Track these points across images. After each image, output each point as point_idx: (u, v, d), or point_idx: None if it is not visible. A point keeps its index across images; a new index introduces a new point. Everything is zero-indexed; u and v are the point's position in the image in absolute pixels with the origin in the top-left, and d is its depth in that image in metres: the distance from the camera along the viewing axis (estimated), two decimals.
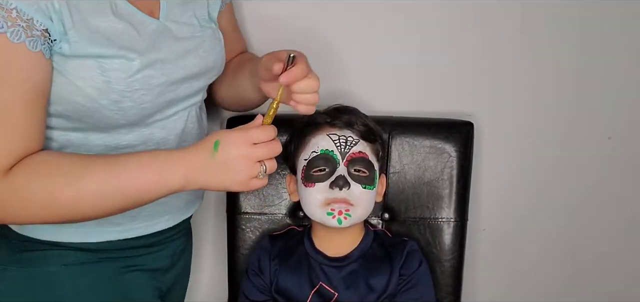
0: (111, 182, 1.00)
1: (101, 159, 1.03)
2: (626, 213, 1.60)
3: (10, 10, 0.94)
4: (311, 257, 1.33)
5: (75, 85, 1.02)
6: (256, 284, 1.34)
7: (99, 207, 1.02)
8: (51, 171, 0.99)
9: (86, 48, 1.01)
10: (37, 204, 0.99)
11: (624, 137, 1.55)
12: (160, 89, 1.10)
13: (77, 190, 0.99)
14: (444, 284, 1.44)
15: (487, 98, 1.53)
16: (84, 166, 1.01)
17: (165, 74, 1.10)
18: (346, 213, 1.24)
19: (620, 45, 1.49)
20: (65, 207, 1.00)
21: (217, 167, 1.02)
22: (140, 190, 1.02)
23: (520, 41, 1.50)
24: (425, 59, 1.52)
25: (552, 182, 1.58)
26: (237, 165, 1.02)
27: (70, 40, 1.00)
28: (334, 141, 1.27)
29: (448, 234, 1.43)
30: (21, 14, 0.95)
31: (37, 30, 0.96)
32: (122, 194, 1.01)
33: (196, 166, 1.02)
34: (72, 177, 0.99)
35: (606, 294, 1.65)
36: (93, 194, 1.00)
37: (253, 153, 1.02)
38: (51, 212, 1.00)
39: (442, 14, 1.48)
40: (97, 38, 1.02)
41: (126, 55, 1.04)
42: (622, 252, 1.63)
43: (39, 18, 0.96)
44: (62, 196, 0.99)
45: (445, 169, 1.43)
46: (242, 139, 1.02)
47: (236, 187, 1.05)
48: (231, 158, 1.01)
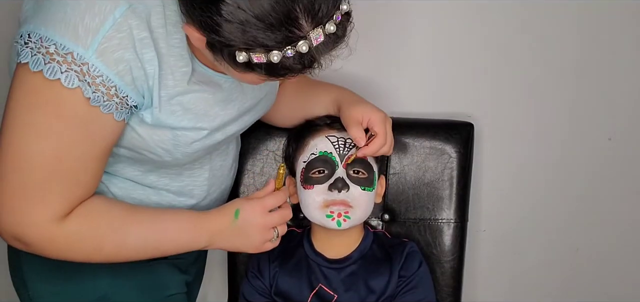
0: (151, 237, 1.12)
1: (143, 213, 1.14)
2: (626, 214, 1.60)
3: (110, 87, 0.98)
4: (310, 259, 1.33)
5: (146, 143, 1.09)
6: (256, 287, 1.34)
7: (137, 256, 1.13)
8: (101, 221, 1.08)
9: (166, 120, 1.06)
10: (86, 249, 1.08)
11: (624, 138, 1.55)
12: (216, 145, 1.19)
13: (122, 242, 1.10)
14: (444, 285, 1.44)
15: (487, 99, 1.53)
16: (129, 219, 1.11)
17: (225, 133, 1.18)
18: (345, 215, 1.24)
19: (621, 46, 1.49)
20: (108, 255, 1.10)
21: (236, 233, 1.16)
22: (173, 247, 1.16)
23: (521, 42, 1.50)
24: (425, 59, 1.52)
25: (553, 183, 1.58)
26: (253, 232, 1.17)
27: (153, 113, 1.05)
28: (333, 143, 1.26)
29: (448, 235, 1.43)
30: (119, 91, 0.99)
31: (127, 104, 1.01)
32: (158, 249, 1.14)
33: (219, 231, 1.16)
34: (119, 230, 1.09)
35: (606, 295, 1.65)
36: (134, 247, 1.11)
37: (268, 221, 1.17)
38: (97, 257, 1.10)
39: (441, 14, 1.48)
40: (177, 111, 1.07)
41: (199, 126, 1.11)
42: (623, 253, 1.63)
43: (133, 96, 1.01)
44: (108, 246, 1.09)
45: (446, 170, 1.43)
46: (259, 208, 1.16)
47: (251, 250, 1.20)
48: (249, 225, 1.16)
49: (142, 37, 0.98)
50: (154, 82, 1.02)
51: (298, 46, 0.91)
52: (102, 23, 0.95)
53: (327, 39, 0.93)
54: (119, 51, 0.97)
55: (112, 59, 0.96)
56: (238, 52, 0.92)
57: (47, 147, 0.99)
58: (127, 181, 1.18)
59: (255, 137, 1.44)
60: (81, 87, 0.96)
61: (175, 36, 1.03)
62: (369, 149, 1.22)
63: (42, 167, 0.99)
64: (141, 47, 0.99)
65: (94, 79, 0.96)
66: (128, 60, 0.98)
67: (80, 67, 0.95)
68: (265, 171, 1.44)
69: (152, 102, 1.04)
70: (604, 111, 1.53)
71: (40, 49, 0.95)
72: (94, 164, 1.05)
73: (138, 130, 1.07)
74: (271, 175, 1.44)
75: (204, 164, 1.23)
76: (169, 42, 1.03)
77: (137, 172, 1.17)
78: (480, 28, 1.49)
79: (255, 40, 0.91)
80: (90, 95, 0.97)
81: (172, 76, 1.05)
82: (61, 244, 1.05)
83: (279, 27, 0.89)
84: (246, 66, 0.94)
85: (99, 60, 0.95)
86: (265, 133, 1.44)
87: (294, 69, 0.95)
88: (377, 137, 1.22)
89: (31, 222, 1.02)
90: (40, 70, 0.95)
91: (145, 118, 1.05)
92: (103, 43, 0.95)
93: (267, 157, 1.44)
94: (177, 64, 1.05)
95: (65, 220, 1.04)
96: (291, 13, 0.89)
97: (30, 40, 0.96)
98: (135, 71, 0.99)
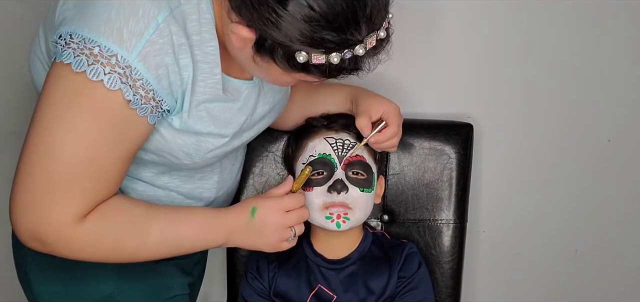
0: (170, 235, 1.12)
1: (162, 212, 1.13)
2: (626, 215, 1.60)
3: (149, 90, 0.99)
4: (310, 259, 1.33)
5: (170, 146, 1.10)
6: (255, 288, 1.34)
7: (156, 255, 1.13)
8: (123, 220, 1.08)
9: (193, 125, 1.08)
10: (106, 249, 1.08)
11: (624, 140, 1.55)
12: (232, 150, 1.20)
13: (142, 240, 1.09)
14: (443, 285, 1.44)
15: (486, 100, 1.53)
16: (148, 218, 1.10)
17: (241, 139, 1.19)
18: (345, 217, 1.24)
19: (620, 48, 1.49)
20: (128, 254, 1.10)
21: (253, 231, 1.16)
22: (191, 245, 1.15)
23: (521, 42, 1.49)
24: (425, 60, 1.52)
25: (552, 184, 1.58)
26: (270, 231, 1.16)
27: (182, 118, 1.06)
28: (331, 145, 1.27)
29: (447, 235, 1.43)
30: (156, 95, 1.00)
31: (161, 108, 1.03)
32: (176, 246, 1.14)
33: (236, 229, 1.15)
34: (139, 229, 1.09)
35: (605, 296, 1.65)
36: (154, 245, 1.11)
37: (285, 220, 1.16)
38: (116, 257, 1.10)
39: (441, 15, 1.48)
40: (204, 118, 1.09)
41: (222, 133, 1.12)
42: (622, 254, 1.63)
43: (167, 100, 1.02)
44: (128, 245, 1.09)
45: (445, 171, 1.43)
46: (276, 207, 1.16)
47: (267, 249, 1.19)
48: (266, 224, 1.15)
49: (180, 43, 1.00)
50: (187, 87, 1.04)
51: (355, 50, 0.95)
52: (146, 27, 0.96)
53: (377, 44, 0.98)
54: (159, 56, 0.98)
55: (153, 63, 0.98)
56: (298, 53, 0.94)
57: (81, 147, 0.99)
58: (139, 182, 1.18)
59: (256, 138, 1.44)
60: (122, 90, 0.97)
61: (210, 43, 1.04)
62: (382, 135, 1.24)
63: (74, 166, 1.00)
64: (179, 52, 1.00)
65: (135, 82, 0.97)
66: (167, 65, 0.99)
67: (123, 69, 0.96)
68: (264, 172, 1.44)
69: (183, 107, 1.05)
70: (603, 113, 1.53)
71: (83, 50, 0.96)
72: (121, 165, 1.05)
73: (164, 133, 1.08)
74: (270, 176, 1.44)
75: (215, 168, 1.24)
76: (203, 49, 1.04)
77: (150, 174, 1.18)
78: (480, 28, 1.49)
79: (321, 41, 0.93)
80: (130, 98, 0.98)
81: (203, 84, 1.06)
82: (81, 244, 1.05)
83: (344, 29, 0.93)
84: (302, 67, 0.96)
85: (141, 63, 0.97)
86: (265, 134, 1.43)
87: (345, 71, 0.99)
88: (389, 127, 1.24)
89: (52, 220, 1.01)
90: (84, 71, 0.96)
91: (174, 122, 1.06)
92: (146, 47, 0.96)
93: (267, 158, 1.44)
94: (211, 72, 1.06)
95: (85, 219, 1.03)
96: (356, 17, 0.93)
97: (72, 41, 0.96)
98: (172, 76, 1.01)
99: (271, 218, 1.15)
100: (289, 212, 1.16)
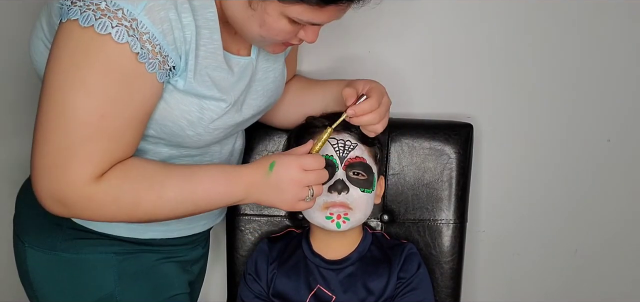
0: (187, 189, 1.11)
1: (178, 169, 1.13)
2: (625, 215, 1.60)
3: (155, 45, 1.02)
4: (309, 260, 1.33)
5: (173, 113, 1.11)
6: (253, 290, 1.34)
7: (175, 212, 1.12)
8: (138, 176, 1.08)
9: (197, 87, 1.10)
10: (125, 206, 1.08)
11: (623, 140, 1.55)
12: (233, 127, 1.21)
13: (159, 196, 1.09)
14: (443, 286, 1.44)
15: (486, 100, 1.53)
16: (164, 174, 1.11)
17: (242, 114, 1.20)
18: (345, 217, 1.24)
19: (620, 48, 1.49)
20: (146, 212, 1.10)
21: (270, 186, 1.14)
22: (209, 200, 1.13)
23: (520, 43, 1.50)
24: (425, 60, 1.52)
25: (552, 184, 1.58)
26: (287, 187, 1.14)
27: (187, 78, 1.08)
28: (333, 145, 1.26)
29: (447, 235, 1.43)
30: (162, 49, 1.03)
31: (168, 65, 1.05)
32: (194, 202, 1.12)
33: (254, 183, 1.14)
34: (155, 184, 1.09)
35: (605, 296, 1.65)
36: (172, 201, 1.10)
37: (304, 178, 1.14)
38: (135, 214, 1.10)
39: (441, 15, 1.48)
40: (207, 82, 1.11)
41: (223, 98, 1.14)
42: (622, 254, 1.63)
43: (173, 56, 1.05)
44: (146, 200, 1.09)
45: (445, 171, 1.43)
46: (295, 164, 1.14)
47: (284, 206, 1.17)
48: (283, 179, 1.13)
49: (182, 1, 1.04)
50: (191, 46, 1.06)
51: None
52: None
53: None
54: (163, 11, 1.01)
55: (158, 17, 1.01)
56: None
57: (92, 104, 1.01)
58: None
59: (255, 138, 1.44)
60: (129, 43, 0.99)
61: (209, 9, 1.08)
62: (358, 107, 1.20)
63: (86, 124, 1.01)
64: (181, 11, 1.03)
65: (142, 35, 1.00)
66: (171, 20, 1.02)
67: (129, 22, 0.99)
68: None
69: (187, 66, 1.07)
70: (603, 113, 1.53)
71: (90, 6, 0.98)
72: (134, 126, 1.06)
73: (167, 98, 1.09)
74: None
75: (213, 156, 1.25)
76: (204, 15, 1.08)
77: (155, 159, 1.18)
78: (480, 28, 1.49)
79: None
80: (138, 51, 1.00)
81: (204, 48, 1.09)
82: (100, 203, 1.06)
83: None
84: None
85: (146, 17, 1.00)
86: (264, 133, 1.44)
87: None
88: (368, 99, 1.20)
89: (70, 180, 1.03)
90: (91, 25, 0.98)
91: (178, 84, 1.08)
92: (151, 1, 1.00)
93: None
94: (211, 37, 1.09)
95: (102, 178, 1.04)
96: None
97: (78, 0, 0.99)
98: (176, 32, 1.03)
99: (289, 174, 1.13)
100: (308, 172, 1.14)
